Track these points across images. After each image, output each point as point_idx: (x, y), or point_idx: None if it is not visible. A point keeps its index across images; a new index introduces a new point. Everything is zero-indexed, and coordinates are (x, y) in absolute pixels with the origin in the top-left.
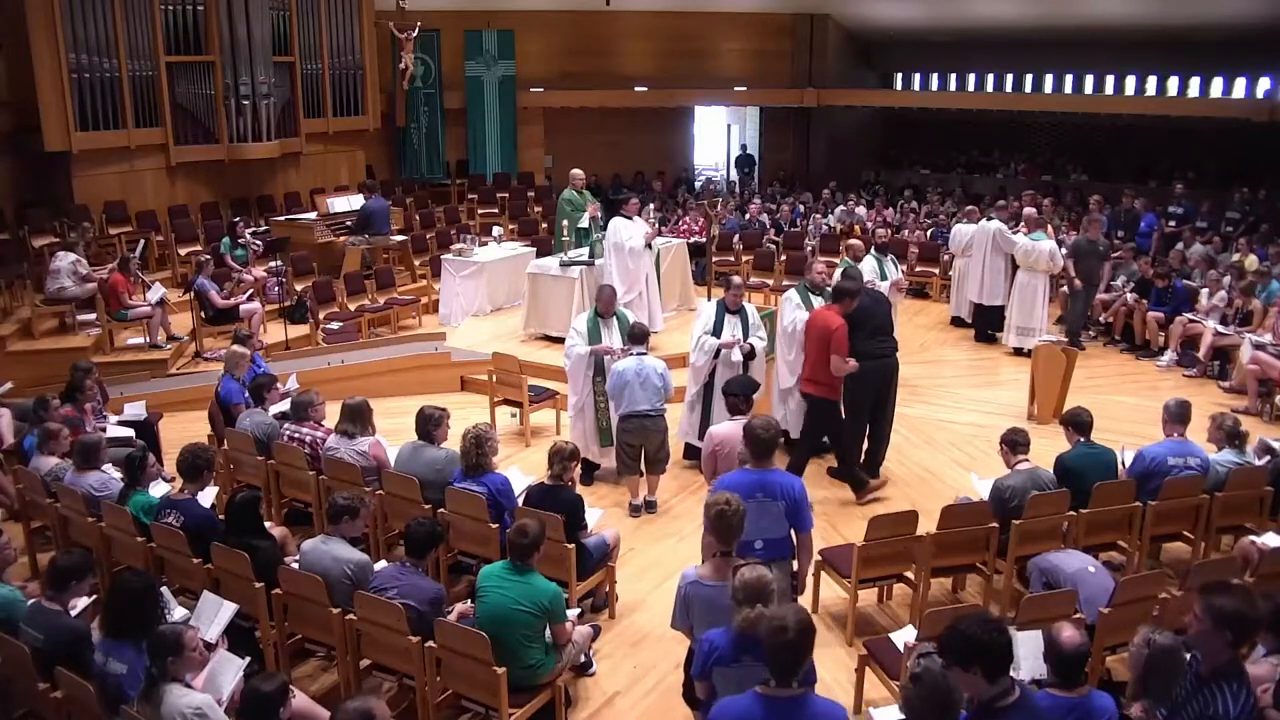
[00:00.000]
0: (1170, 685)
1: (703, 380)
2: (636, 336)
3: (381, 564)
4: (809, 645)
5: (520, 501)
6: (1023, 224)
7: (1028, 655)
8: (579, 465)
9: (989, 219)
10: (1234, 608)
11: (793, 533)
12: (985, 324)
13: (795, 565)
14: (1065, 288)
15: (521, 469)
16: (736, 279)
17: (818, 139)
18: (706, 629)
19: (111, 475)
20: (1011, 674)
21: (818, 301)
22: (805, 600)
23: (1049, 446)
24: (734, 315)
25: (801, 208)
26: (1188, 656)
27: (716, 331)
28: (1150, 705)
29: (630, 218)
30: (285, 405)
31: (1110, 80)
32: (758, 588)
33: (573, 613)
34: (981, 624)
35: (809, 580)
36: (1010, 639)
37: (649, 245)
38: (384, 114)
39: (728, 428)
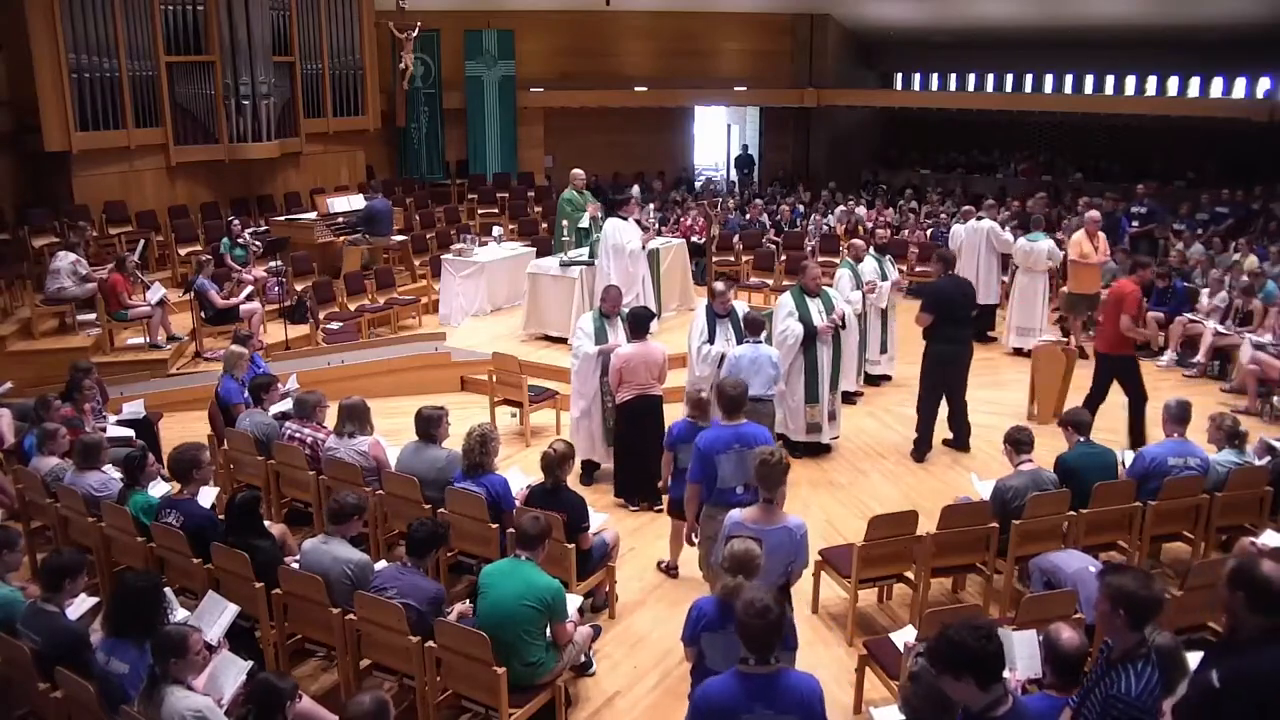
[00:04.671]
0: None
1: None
2: (753, 325)
3: (381, 564)
4: (785, 623)
5: (522, 501)
6: (1032, 223)
7: (1024, 655)
8: (571, 465)
9: (980, 219)
10: (1126, 587)
11: None
12: (982, 324)
13: None
14: (1065, 288)
15: (521, 469)
16: (719, 285)
17: (818, 139)
18: None
19: (111, 475)
20: (1007, 674)
21: (814, 305)
22: (805, 599)
23: (1049, 446)
24: (724, 319)
25: (801, 208)
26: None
27: (712, 339)
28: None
29: (627, 219)
30: (285, 405)
31: (1110, 80)
32: (745, 560)
33: (572, 609)
34: (971, 631)
35: (809, 580)
36: (1001, 646)
37: (642, 247)
38: (384, 114)
39: (630, 348)
